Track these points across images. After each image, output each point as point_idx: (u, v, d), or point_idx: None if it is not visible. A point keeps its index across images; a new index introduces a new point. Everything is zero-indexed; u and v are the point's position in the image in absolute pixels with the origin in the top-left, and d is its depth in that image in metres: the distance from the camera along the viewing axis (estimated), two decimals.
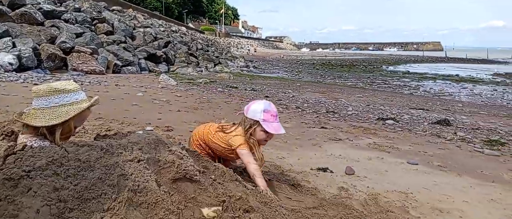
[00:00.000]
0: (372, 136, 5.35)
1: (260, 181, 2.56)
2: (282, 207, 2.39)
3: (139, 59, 14.00)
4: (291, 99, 9.30)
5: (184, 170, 2.08)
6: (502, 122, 7.58)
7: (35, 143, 1.88)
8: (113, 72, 12.01)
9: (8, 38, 9.93)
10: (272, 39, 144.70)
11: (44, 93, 1.95)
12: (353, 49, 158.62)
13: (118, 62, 12.54)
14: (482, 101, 12.60)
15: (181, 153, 2.21)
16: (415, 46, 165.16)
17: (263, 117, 2.66)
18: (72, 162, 1.77)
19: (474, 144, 5.26)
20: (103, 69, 11.37)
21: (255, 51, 61.06)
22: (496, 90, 16.23)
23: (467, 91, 15.59)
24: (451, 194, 3.06)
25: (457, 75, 24.41)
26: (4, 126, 2.30)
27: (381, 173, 3.57)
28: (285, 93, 10.59)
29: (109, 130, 3.75)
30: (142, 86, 8.89)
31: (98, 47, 12.78)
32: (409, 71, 27.74)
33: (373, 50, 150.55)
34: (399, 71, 28.58)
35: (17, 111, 2.06)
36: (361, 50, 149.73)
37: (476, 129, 6.54)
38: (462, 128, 6.56)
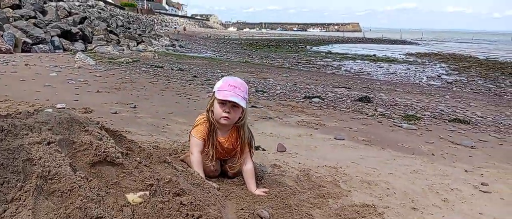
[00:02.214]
0: (300, 114, 5.42)
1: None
2: (215, 188, 2.28)
3: (52, 36, 12.80)
4: (220, 79, 9.14)
5: (104, 152, 1.86)
6: (416, 98, 8.17)
7: None
8: (23, 51, 10.84)
9: None
10: (198, 17, 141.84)
11: None
12: (278, 29, 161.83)
13: (28, 40, 11.34)
14: (397, 79, 13.51)
15: (99, 133, 1.98)
16: (336, 27, 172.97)
17: (219, 87, 2.42)
18: None
19: (393, 119, 5.58)
20: (11, 47, 10.19)
21: (184, 30, 59.37)
22: (409, 68, 17.52)
23: (384, 70, 16.62)
24: (377, 167, 3.18)
25: (374, 55, 25.93)
26: None
27: (311, 149, 3.62)
28: (214, 73, 10.39)
29: (17, 113, 3.32)
30: (56, 66, 8.13)
31: (3, 22, 11.44)
32: (331, 52, 28.87)
33: (297, 30, 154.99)
34: (322, 51, 29.64)
35: None
36: (286, 30, 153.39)
37: (394, 105, 6.96)
38: (382, 104, 6.94)
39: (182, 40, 32.17)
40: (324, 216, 2.14)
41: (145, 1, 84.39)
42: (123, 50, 15.45)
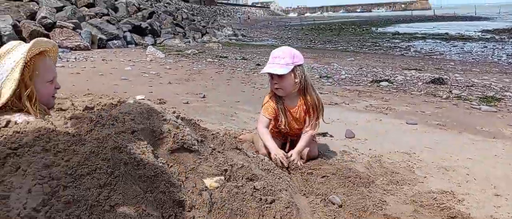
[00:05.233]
0: (368, 99, 5.27)
1: (269, 144, 2.47)
2: (286, 174, 2.31)
3: (124, 32, 13.60)
4: None
5: (181, 139, 1.97)
6: (495, 78, 7.55)
7: (19, 118, 1.73)
8: (99, 47, 11.65)
9: None
10: (259, 4, 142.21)
11: None
12: (341, 12, 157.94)
13: (103, 36, 12.16)
14: (473, 59, 12.57)
15: (176, 121, 2.10)
16: (403, 5, 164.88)
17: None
18: (61, 136, 1.64)
19: (470, 101, 5.22)
20: (88, 44, 11.00)
21: (248, 19, 60.62)
22: (486, 46, 16.20)
23: (458, 49, 15.54)
24: (454, 152, 3.01)
25: (446, 33, 24.28)
26: None
27: (381, 135, 3.51)
28: None
29: (99, 105, 3.60)
30: (130, 60, 8.65)
31: (80, 21, 12.35)
32: (398, 32, 27.51)
33: (361, 12, 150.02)
34: (388, 32, 28.36)
35: None
36: (349, 12, 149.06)
37: (471, 86, 6.50)
38: (457, 86, 6.52)
39: (244, 29, 32.52)
40: (399, 203, 2.09)
41: None
42: (189, 42, 16.02)
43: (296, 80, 2.46)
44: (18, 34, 9.66)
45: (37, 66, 1.79)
